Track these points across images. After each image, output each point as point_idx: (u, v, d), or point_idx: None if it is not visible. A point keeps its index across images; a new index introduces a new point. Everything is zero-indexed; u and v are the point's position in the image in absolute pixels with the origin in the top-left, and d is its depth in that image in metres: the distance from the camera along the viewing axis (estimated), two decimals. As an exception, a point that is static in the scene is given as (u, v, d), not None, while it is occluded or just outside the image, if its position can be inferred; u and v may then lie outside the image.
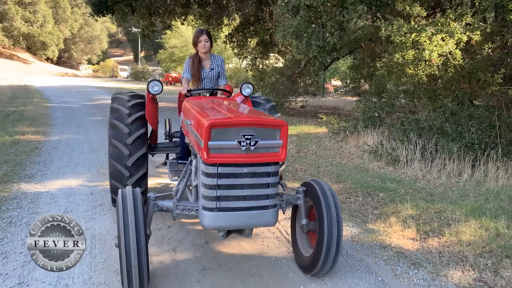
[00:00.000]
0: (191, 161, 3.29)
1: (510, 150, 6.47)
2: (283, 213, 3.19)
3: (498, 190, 5.68)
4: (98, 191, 5.07)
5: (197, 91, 4.17)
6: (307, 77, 15.16)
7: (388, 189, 5.72)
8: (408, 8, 6.07)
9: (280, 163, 2.80)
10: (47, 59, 55.22)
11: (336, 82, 36.03)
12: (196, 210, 2.84)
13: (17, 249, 3.43)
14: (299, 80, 15.43)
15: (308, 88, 17.36)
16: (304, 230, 3.14)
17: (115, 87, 27.68)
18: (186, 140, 3.79)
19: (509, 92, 6.35)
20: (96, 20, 24.10)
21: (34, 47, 51.82)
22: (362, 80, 16.10)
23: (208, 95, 4.19)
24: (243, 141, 2.53)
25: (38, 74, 42.50)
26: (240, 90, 4.25)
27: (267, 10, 15.52)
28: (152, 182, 5.41)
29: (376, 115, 8.83)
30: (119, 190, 2.72)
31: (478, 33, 6.06)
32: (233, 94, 4.39)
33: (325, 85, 31.52)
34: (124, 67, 56.22)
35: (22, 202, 4.56)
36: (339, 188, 5.75)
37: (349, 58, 18.43)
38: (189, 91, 3.99)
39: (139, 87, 27.52)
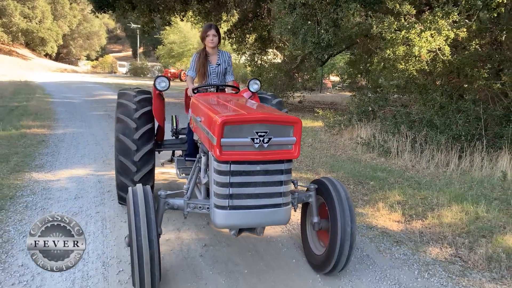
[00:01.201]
0: (200, 158, 3.26)
1: (495, 142, 6.81)
2: (295, 211, 3.10)
3: (482, 179, 6.02)
4: (105, 179, 5.40)
5: (203, 88, 4.10)
6: (305, 73, 15.47)
7: (378, 178, 6.05)
8: (398, 6, 6.38)
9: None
10: (46, 55, 55.34)
11: (335, 78, 36.28)
12: (208, 208, 2.81)
13: (35, 229, 3.76)
14: (297, 76, 15.74)
15: (306, 83, 17.65)
16: (315, 228, 3.08)
17: (114, 83, 27.93)
18: (195, 137, 3.73)
19: (494, 86, 6.66)
20: (97, 17, 24.29)
21: (33, 43, 51.96)
22: (359, 76, 16.38)
23: (214, 91, 4.12)
24: (257, 138, 2.48)
25: (37, 70, 42.69)
26: (248, 86, 4.23)
27: (265, 6, 15.78)
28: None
29: (370, 109, 9.16)
30: (130, 188, 2.68)
31: (465, 30, 6.39)
32: (240, 90, 4.37)
33: (324, 81, 31.75)
34: (123, 63, 56.36)
35: (35, 189, 4.89)
36: (327, 174, 6.08)
37: (347, 54, 18.74)
38: (194, 89, 3.98)
39: (138, 82, 27.77)
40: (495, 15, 6.25)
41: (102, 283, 2.92)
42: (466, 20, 6.37)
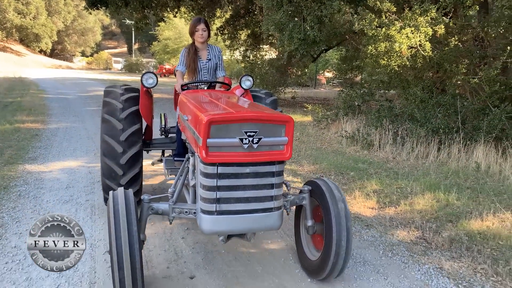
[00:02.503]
0: (188, 158, 3.14)
1: (473, 134, 7.09)
2: (287, 214, 2.95)
3: (458, 170, 6.30)
4: (95, 171, 5.62)
5: (193, 84, 3.95)
6: (296, 69, 15.71)
7: (359, 169, 6.32)
8: (378, 3, 6.63)
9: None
10: (41, 51, 55.16)
11: (330, 74, 36.52)
12: (194, 213, 2.68)
13: (27, 215, 4.00)
14: (289, 72, 15.99)
15: (299, 79, 17.90)
16: (309, 232, 2.95)
17: (109, 79, 28.04)
18: (183, 137, 3.56)
19: (472, 81, 6.94)
20: (90, 13, 24.34)
21: (27, 39, 51.78)
22: (350, 72, 16.62)
23: (205, 88, 3.95)
24: (245, 138, 2.36)
25: (32, 66, 42.58)
26: (240, 82, 4.06)
27: (257, 3, 15.96)
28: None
29: (356, 103, 9.42)
30: (110, 192, 2.55)
31: (442, 27, 6.65)
32: (232, 87, 4.20)
33: (318, 77, 31.96)
34: (118, 59, 56.29)
35: (28, 179, 5.11)
36: (315, 169, 6.35)
37: (341, 50, 18.98)
38: (183, 85, 3.82)
39: (133, 79, 27.89)
40: (471, 12, 6.51)
41: (90, 261, 3.18)
42: (443, 18, 6.62)
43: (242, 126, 2.37)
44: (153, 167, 5.29)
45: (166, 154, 4.83)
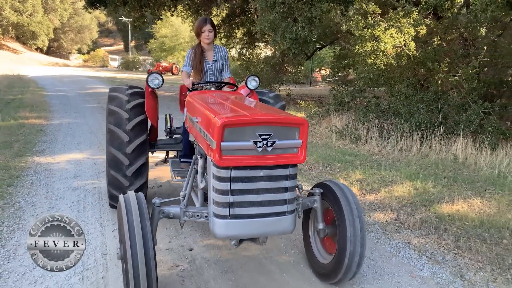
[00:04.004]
0: (196, 159, 3.10)
1: (453, 129, 7.56)
2: (299, 217, 2.88)
3: (437, 161, 6.77)
4: (100, 162, 6.04)
5: (199, 85, 3.88)
6: (291, 67, 16.14)
7: (346, 160, 6.78)
8: (364, 6, 7.08)
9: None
10: (37, 49, 55.22)
11: (325, 72, 36.92)
12: (206, 216, 2.64)
13: (41, 200, 4.42)
14: (284, 69, 16.42)
15: (294, 76, 18.31)
16: (321, 235, 2.95)
17: (106, 77, 28.36)
18: (191, 138, 3.50)
19: (452, 79, 7.41)
20: (90, 13, 24.63)
21: (24, 36, 51.86)
22: (342, 70, 17.06)
23: (213, 89, 3.85)
24: (260, 141, 2.33)
25: (28, 64, 42.71)
26: (246, 83, 4.03)
27: (252, 2, 16.36)
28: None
29: (347, 100, 9.88)
30: (120, 196, 2.53)
31: (424, 27, 7.11)
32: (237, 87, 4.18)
33: (314, 74, 32.36)
34: (115, 57, 56.49)
35: (38, 170, 5.53)
36: (305, 161, 6.79)
37: (334, 48, 19.41)
38: (194, 84, 3.79)
39: (130, 76, 28.23)
40: (449, 15, 6.98)
41: (100, 237, 3.61)
42: (425, 19, 7.08)
43: (256, 129, 2.34)
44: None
45: (170, 155, 4.78)
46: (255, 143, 2.33)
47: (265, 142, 2.34)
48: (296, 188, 2.69)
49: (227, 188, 2.38)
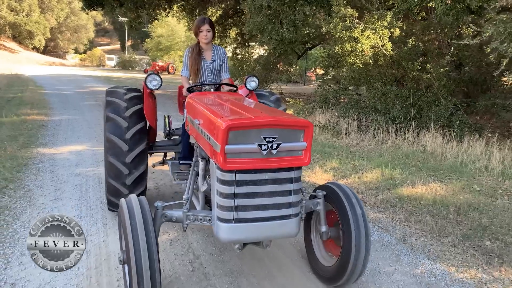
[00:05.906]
0: (197, 162, 3.07)
1: (426, 123, 8.20)
2: (302, 220, 2.83)
3: (409, 153, 7.40)
4: (99, 153, 6.62)
5: (199, 86, 3.77)
6: (281, 65, 16.75)
7: (325, 152, 7.40)
8: (343, 9, 7.70)
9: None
10: (34, 48, 55.58)
11: (320, 71, 37.48)
12: (209, 220, 2.60)
13: (48, 183, 5.01)
14: (275, 68, 17.02)
15: (284, 76, 18.92)
16: (324, 238, 2.89)
17: (103, 76, 28.89)
18: (192, 140, 3.45)
19: (423, 77, 8.05)
20: (87, 14, 25.11)
21: (21, 36, 52.24)
22: (331, 69, 17.70)
23: (212, 90, 3.75)
24: (264, 144, 2.31)
25: (25, 63, 43.14)
26: (245, 83, 4.00)
27: (245, 4, 16.96)
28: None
29: (331, 98, 10.51)
30: (122, 200, 2.49)
31: (397, 29, 7.75)
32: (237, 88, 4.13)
33: (308, 74, 32.96)
34: (111, 56, 56.91)
35: (43, 159, 6.11)
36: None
37: (324, 48, 20.05)
38: (189, 87, 3.72)
39: (127, 75, 28.75)
40: (420, 18, 7.61)
41: (101, 211, 4.20)
42: (398, 22, 7.72)
43: (261, 131, 2.32)
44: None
45: (168, 157, 4.76)
46: (260, 146, 2.32)
47: (270, 145, 2.33)
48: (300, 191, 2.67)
49: (231, 192, 2.36)
